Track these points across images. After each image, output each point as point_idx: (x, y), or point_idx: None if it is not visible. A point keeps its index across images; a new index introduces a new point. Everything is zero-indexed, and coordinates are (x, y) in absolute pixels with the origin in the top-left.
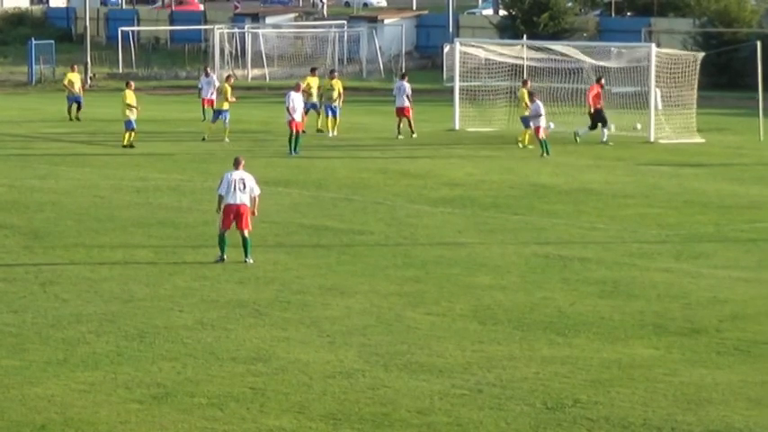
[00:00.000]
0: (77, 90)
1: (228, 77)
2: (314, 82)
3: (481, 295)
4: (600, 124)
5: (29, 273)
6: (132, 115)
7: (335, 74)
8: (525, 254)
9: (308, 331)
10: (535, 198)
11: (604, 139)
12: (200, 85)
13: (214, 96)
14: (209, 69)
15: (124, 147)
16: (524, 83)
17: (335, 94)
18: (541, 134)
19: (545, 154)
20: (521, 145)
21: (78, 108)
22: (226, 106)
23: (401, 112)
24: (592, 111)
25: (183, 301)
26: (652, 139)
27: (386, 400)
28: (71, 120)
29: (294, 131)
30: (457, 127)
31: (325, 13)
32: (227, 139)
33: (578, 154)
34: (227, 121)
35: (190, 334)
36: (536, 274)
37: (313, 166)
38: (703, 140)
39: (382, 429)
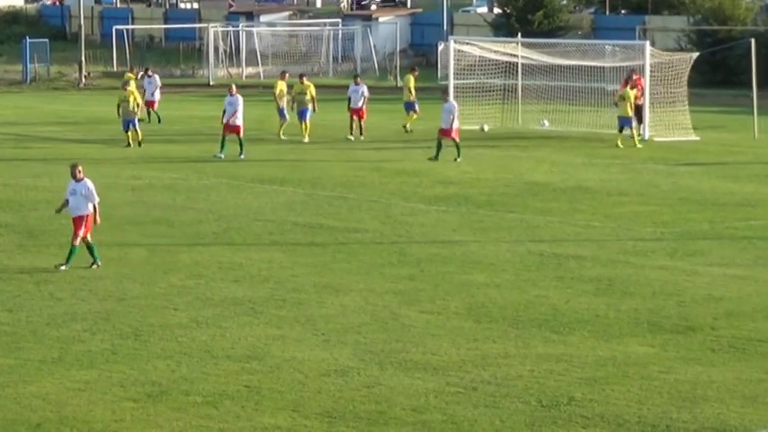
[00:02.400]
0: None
1: (283, 74)
2: (412, 81)
3: (476, 293)
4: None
5: (23, 271)
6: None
7: (305, 77)
8: (520, 252)
9: (302, 329)
10: (530, 196)
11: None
12: (143, 87)
13: (156, 97)
14: (150, 70)
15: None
16: (625, 82)
17: (308, 98)
18: (454, 135)
19: (434, 157)
20: (621, 145)
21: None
22: (282, 103)
23: (356, 113)
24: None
25: (178, 299)
26: (647, 137)
27: (381, 398)
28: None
29: (224, 134)
30: None
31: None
32: (283, 137)
33: (573, 152)
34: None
35: (184, 332)
36: (531, 272)
37: (308, 164)
38: (698, 138)
39: (377, 427)
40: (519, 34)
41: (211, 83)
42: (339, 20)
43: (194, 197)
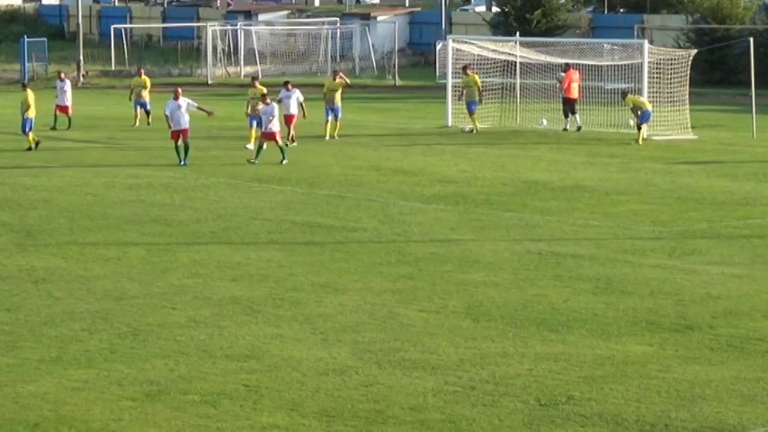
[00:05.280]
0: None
1: (335, 72)
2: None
3: (474, 292)
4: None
5: (21, 271)
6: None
7: (257, 81)
8: (518, 251)
9: (301, 328)
10: (528, 195)
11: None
12: (57, 91)
13: (68, 103)
14: (62, 74)
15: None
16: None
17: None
18: (278, 139)
19: (254, 159)
20: (640, 142)
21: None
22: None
23: (288, 119)
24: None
25: (176, 298)
26: (645, 136)
27: (379, 397)
28: (147, 124)
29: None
30: (450, 124)
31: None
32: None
33: (571, 151)
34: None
35: (183, 331)
36: (529, 271)
37: (306, 163)
38: (696, 137)
39: (376, 426)
40: (517, 33)
41: (210, 82)
42: (337, 19)
43: (192, 196)
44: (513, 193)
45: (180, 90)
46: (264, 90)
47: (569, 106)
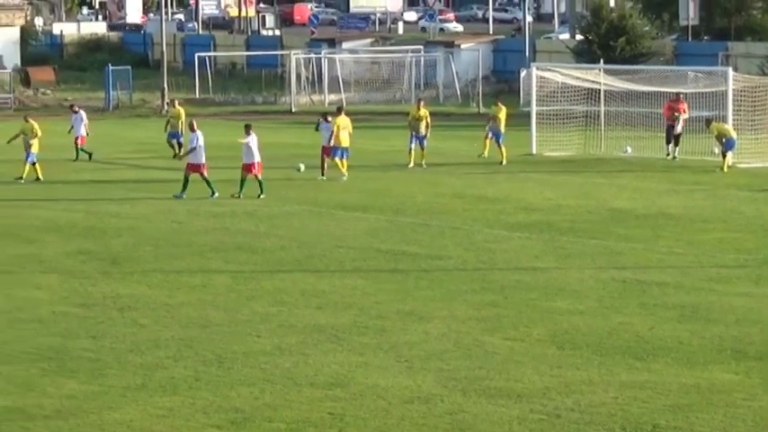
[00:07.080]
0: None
1: (419, 101)
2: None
3: (559, 320)
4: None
5: (107, 298)
6: None
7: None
8: (603, 278)
9: (386, 356)
10: (612, 223)
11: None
12: (73, 123)
13: (84, 133)
14: (76, 106)
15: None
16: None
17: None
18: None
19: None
20: (725, 169)
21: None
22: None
23: (326, 151)
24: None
25: (261, 326)
26: (730, 164)
27: (464, 426)
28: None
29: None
30: (534, 151)
31: None
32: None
33: (656, 178)
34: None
35: (268, 359)
36: (614, 299)
37: (390, 191)
38: None
39: None
40: (601, 60)
41: (293, 110)
42: (421, 47)
43: (276, 224)
44: (598, 220)
45: (194, 123)
46: (333, 121)
47: (677, 136)
